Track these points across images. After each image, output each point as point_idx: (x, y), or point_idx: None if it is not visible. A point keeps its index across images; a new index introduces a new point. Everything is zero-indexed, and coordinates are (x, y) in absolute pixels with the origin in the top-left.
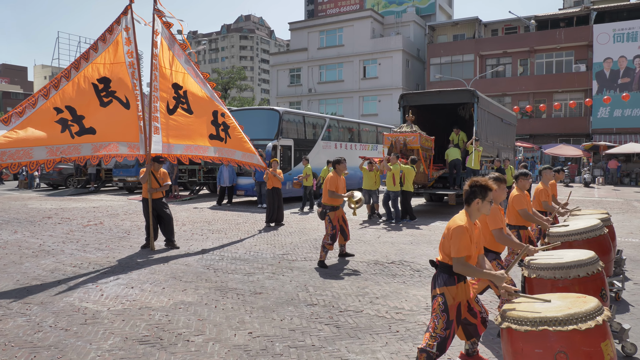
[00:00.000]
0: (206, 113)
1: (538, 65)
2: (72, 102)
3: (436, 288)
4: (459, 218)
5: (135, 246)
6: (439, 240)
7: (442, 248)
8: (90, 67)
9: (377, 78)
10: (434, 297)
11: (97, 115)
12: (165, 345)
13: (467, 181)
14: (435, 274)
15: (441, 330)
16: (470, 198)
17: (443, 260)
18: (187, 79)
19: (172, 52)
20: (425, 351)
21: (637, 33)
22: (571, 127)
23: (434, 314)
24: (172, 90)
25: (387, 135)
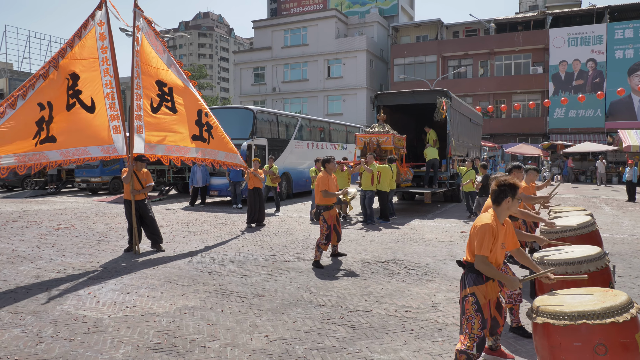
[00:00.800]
0: (191, 112)
1: (498, 67)
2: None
3: (466, 288)
4: (485, 217)
5: (117, 250)
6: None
7: (469, 247)
8: (65, 61)
9: (341, 78)
10: (465, 297)
11: (62, 120)
12: (181, 352)
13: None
14: (463, 274)
15: (478, 330)
16: (500, 197)
17: (470, 260)
18: (171, 76)
19: (154, 48)
20: (465, 353)
21: (589, 37)
22: (529, 127)
23: (467, 315)
24: (156, 88)
25: (360, 135)
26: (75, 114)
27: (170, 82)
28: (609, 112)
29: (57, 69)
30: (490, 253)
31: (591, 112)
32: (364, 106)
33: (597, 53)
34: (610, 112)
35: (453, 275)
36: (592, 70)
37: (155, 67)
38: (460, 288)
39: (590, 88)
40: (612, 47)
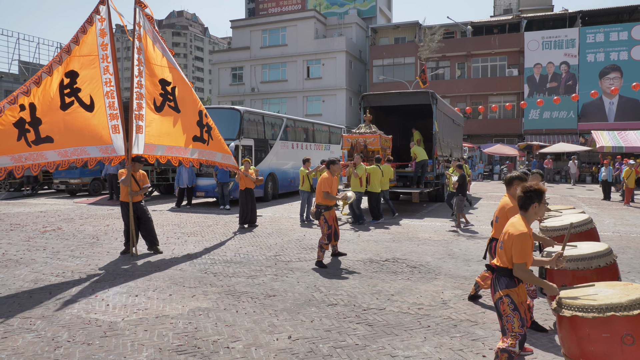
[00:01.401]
0: (193, 112)
1: (474, 69)
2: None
3: (499, 291)
4: (519, 224)
5: (112, 252)
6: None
7: (504, 253)
8: (68, 59)
9: (320, 78)
10: (499, 299)
11: (55, 120)
12: (206, 354)
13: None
14: (494, 277)
15: (519, 328)
16: (527, 203)
17: (502, 265)
18: (176, 75)
19: (157, 46)
20: (507, 351)
21: (562, 41)
22: (505, 128)
23: (505, 316)
24: (159, 86)
25: (347, 137)
26: (73, 113)
27: (174, 81)
28: (581, 113)
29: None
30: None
31: (564, 113)
32: (343, 107)
33: (569, 56)
34: (583, 114)
35: (455, 273)
36: (565, 73)
37: (160, 65)
38: (491, 292)
39: (564, 90)
40: (584, 51)
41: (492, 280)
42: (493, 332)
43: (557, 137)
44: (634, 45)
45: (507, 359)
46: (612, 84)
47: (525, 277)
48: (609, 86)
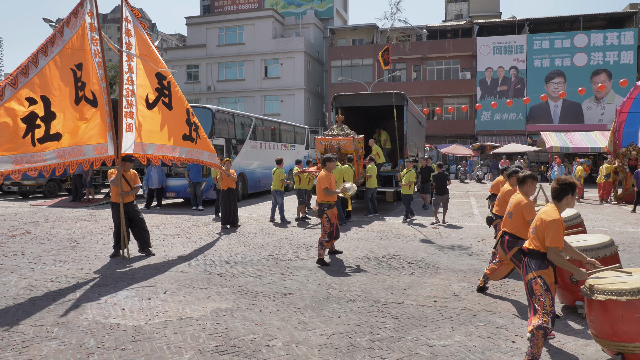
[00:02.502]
0: (182, 110)
1: (430, 72)
2: (48, 91)
3: (531, 272)
4: (553, 212)
5: (100, 256)
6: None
7: (536, 237)
8: (64, 51)
9: (279, 78)
10: (532, 279)
11: (67, 116)
12: (249, 353)
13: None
14: (525, 260)
15: (550, 306)
16: (562, 194)
17: (535, 248)
18: (167, 70)
19: (145, 39)
20: (542, 328)
21: (512, 47)
22: (459, 129)
23: (538, 295)
24: (155, 81)
25: (320, 139)
26: (82, 108)
27: (169, 76)
28: (529, 116)
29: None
30: (561, 245)
31: (514, 115)
32: (301, 107)
33: (518, 61)
34: (530, 116)
35: (453, 267)
36: (515, 77)
37: (153, 58)
38: (523, 273)
39: (513, 93)
40: (532, 57)
41: (523, 263)
42: (512, 320)
43: (507, 137)
44: (576, 53)
45: (543, 335)
46: (557, 88)
47: (558, 260)
48: (554, 90)
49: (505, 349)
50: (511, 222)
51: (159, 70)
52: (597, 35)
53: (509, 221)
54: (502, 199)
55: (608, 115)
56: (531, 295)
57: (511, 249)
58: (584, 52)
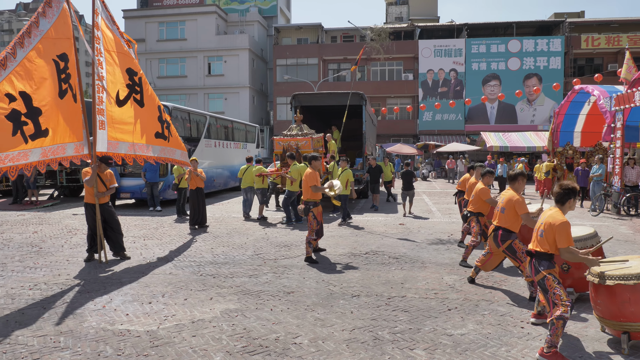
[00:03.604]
0: (154, 107)
1: (373, 73)
2: (26, 87)
3: (541, 272)
4: (558, 215)
5: (73, 260)
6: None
7: (545, 240)
8: (41, 43)
9: (223, 75)
10: (543, 278)
11: (54, 111)
12: (280, 352)
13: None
14: (533, 261)
15: (566, 297)
16: (565, 199)
17: (543, 251)
18: (137, 65)
19: (115, 33)
20: (562, 317)
21: (451, 50)
22: (402, 129)
23: (552, 290)
24: (126, 77)
25: (278, 140)
26: (66, 103)
27: (140, 72)
28: (467, 116)
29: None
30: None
31: (453, 116)
32: (246, 105)
33: (457, 64)
34: (469, 117)
35: (437, 261)
36: (454, 79)
37: (123, 53)
38: (532, 274)
39: (453, 95)
40: (470, 60)
41: (531, 264)
42: (511, 308)
43: (447, 137)
44: (510, 57)
45: (562, 325)
46: (493, 90)
47: (573, 257)
48: (491, 92)
49: (518, 334)
50: (503, 217)
51: (130, 66)
52: (529, 42)
53: (501, 216)
54: (475, 196)
55: (539, 117)
56: (546, 292)
57: (504, 242)
58: (517, 57)
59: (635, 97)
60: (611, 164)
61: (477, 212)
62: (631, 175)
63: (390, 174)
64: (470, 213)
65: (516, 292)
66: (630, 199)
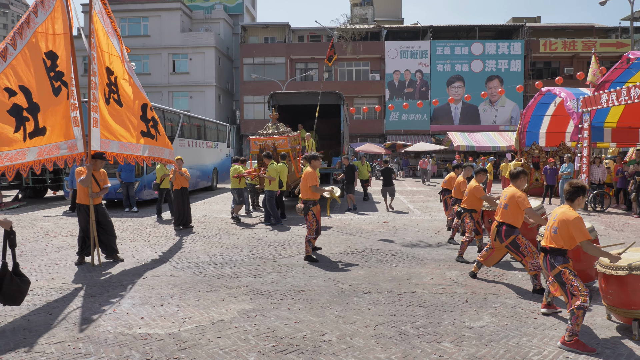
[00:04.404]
0: (137, 106)
1: (341, 73)
2: (25, 81)
3: (557, 267)
4: (570, 212)
5: (62, 264)
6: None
7: (559, 237)
8: (34, 37)
9: (188, 73)
10: (559, 272)
11: (50, 108)
12: (312, 350)
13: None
14: (548, 257)
15: (584, 287)
16: (574, 196)
17: (558, 247)
18: (117, 63)
19: (106, 30)
20: (582, 307)
21: (417, 51)
22: (369, 129)
23: (570, 282)
24: (105, 76)
25: (254, 139)
26: (60, 100)
27: (116, 71)
28: (433, 117)
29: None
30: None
31: (419, 116)
32: (212, 104)
33: (423, 65)
34: (434, 117)
35: (433, 257)
36: (420, 80)
37: (108, 52)
38: (548, 269)
39: (419, 95)
40: (435, 62)
41: (546, 260)
42: (519, 301)
43: (413, 137)
44: (473, 59)
45: (582, 314)
46: (457, 91)
47: (593, 250)
48: (455, 93)
49: (533, 325)
50: (507, 213)
51: (109, 64)
52: (490, 45)
53: (504, 212)
54: (469, 194)
55: (500, 117)
56: (563, 285)
57: (508, 238)
58: (479, 60)
59: (602, 99)
60: (579, 162)
61: (470, 209)
62: (597, 174)
63: (367, 173)
64: (464, 209)
65: (518, 285)
66: (596, 196)
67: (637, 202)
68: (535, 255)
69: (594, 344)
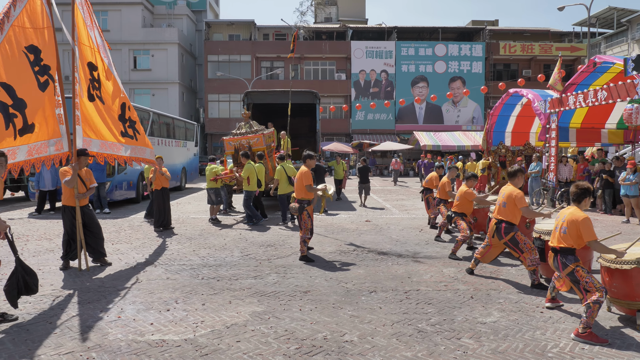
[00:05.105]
0: (116, 105)
1: (307, 72)
2: (7, 77)
3: (570, 265)
4: (578, 213)
5: (45, 269)
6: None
7: (569, 236)
8: (12, 30)
9: (150, 70)
10: (572, 270)
11: (37, 104)
12: (337, 350)
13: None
14: (559, 257)
15: (599, 283)
16: (581, 197)
17: (568, 246)
18: (99, 58)
19: (86, 23)
20: (598, 301)
21: (382, 52)
22: (335, 128)
23: (584, 280)
24: (87, 71)
25: (229, 140)
26: (48, 96)
27: (100, 67)
28: (398, 116)
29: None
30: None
31: (385, 115)
32: (176, 102)
33: (388, 66)
34: (399, 117)
35: (426, 254)
36: (385, 80)
37: (89, 45)
38: (560, 269)
39: (384, 95)
40: (400, 62)
41: (557, 260)
42: (520, 296)
43: (379, 136)
44: (436, 60)
45: (598, 308)
46: (422, 92)
47: (601, 249)
48: (420, 94)
49: (542, 319)
50: (505, 211)
51: (91, 59)
52: (453, 46)
53: (503, 210)
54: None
55: (463, 117)
56: (577, 283)
57: (508, 234)
58: (443, 61)
59: (570, 101)
60: (546, 161)
61: (461, 212)
62: (564, 172)
63: (342, 172)
64: (455, 213)
65: (514, 280)
66: (563, 193)
67: (602, 199)
68: (534, 251)
69: (603, 335)
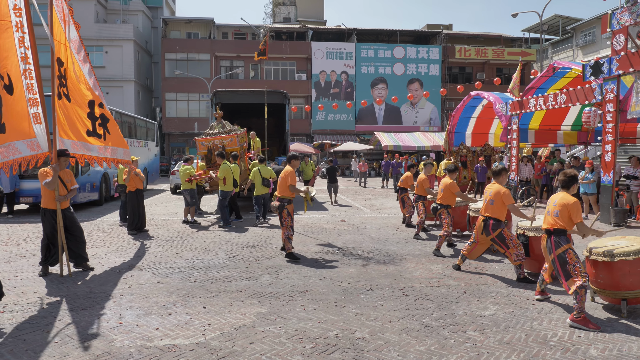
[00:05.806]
0: (84, 102)
1: (267, 71)
2: None
3: (562, 246)
4: (568, 197)
5: (23, 275)
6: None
7: (560, 218)
8: None
9: (104, 68)
10: (564, 252)
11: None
12: (353, 348)
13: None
14: (553, 238)
15: (584, 268)
16: (569, 184)
17: (561, 227)
18: (69, 54)
19: (59, 17)
20: (584, 286)
21: (342, 53)
22: (296, 128)
23: (572, 262)
24: (56, 67)
25: (201, 140)
26: (19, 94)
27: (66, 63)
28: (358, 117)
29: None
30: None
31: (345, 116)
32: (131, 100)
33: (348, 67)
34: (359, 117)
35: (410, 253)
36: (345, 81)
37: (59, 40)
38: (552, 249)
39: (344, 96)
40: (360, 64)
41: (551, 240)
42: (509, 290)
43: (339, 137)
44: (395, 63)
45: (585, 292)
46: (381, 93)
47: (586, 230)
48: (379, 95)
49: (536, 310)
50: (492, 208)
51: (59, 55)
52: (411, 49)
53: (490, 207)
54: (446, 190)
55: (420, 119)
56: (564, 264)
57: (495, 231)
58: (401, 63)
59: (530, 103)
60: (507, 161)
61: (446, 204)
62: (525, 172)
63: (311, 172)
64: (440, 205)
65: (500, 275)
66: (524, 192)
67: None
68: (519, 247)
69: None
